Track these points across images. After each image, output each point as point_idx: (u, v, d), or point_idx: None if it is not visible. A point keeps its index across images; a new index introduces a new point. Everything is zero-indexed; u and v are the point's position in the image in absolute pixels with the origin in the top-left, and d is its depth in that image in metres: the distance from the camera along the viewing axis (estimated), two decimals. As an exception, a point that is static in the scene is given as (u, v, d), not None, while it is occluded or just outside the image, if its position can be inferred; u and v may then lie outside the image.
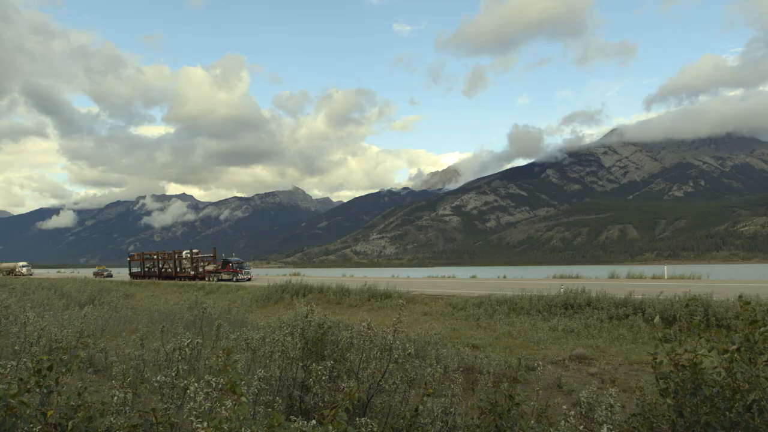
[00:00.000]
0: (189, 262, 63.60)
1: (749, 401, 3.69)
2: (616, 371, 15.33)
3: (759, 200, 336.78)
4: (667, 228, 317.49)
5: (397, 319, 6.92)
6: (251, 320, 21.97)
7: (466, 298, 27.32)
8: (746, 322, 3.80)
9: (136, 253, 77.55)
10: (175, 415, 4.94)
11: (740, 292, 16.43)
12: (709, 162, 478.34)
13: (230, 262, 57.37)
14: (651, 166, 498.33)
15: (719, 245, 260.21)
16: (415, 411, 4.90)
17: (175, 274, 63.14)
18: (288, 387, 7.14)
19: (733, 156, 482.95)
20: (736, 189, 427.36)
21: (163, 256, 69.15)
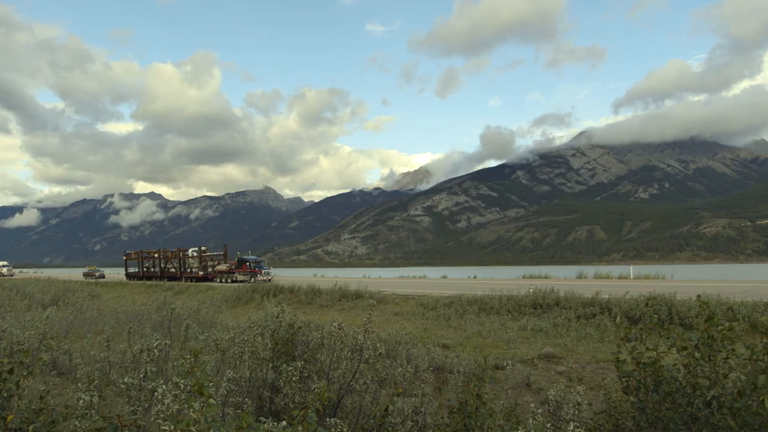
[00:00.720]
0: (197, 261, 58.27)
1: (709, 397, 3.80)
2: (583, 369, 15.61)
3: (720, 203, 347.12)
4: (633, 229, 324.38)
5: (367, 319, 6.94)
6: (221, 321, 21.73)
7: (436, 298, 27.47)
8: (704, 320, 3.92)
9: (133, 252, 71.49)
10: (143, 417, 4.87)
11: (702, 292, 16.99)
12: (673, 165, 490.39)
13: (247, 261, 52.04)
14: (618, 169, 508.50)
15: (682, 246, 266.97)
16: (386, 411, 4.91)
17: (180, 275, 57.83)
18: (258, 388, 7.09)
19: (696, 159, 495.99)
20: (698, 191, 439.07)
21: (165, 254, 63.64)
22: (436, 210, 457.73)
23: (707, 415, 3.79)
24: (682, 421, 3.85)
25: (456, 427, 4.21)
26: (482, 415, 4.15)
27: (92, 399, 4.32)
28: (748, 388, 3.55)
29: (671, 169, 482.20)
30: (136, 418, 3.48)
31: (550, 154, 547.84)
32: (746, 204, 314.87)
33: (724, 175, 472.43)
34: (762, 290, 24.42)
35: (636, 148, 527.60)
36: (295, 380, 6.27)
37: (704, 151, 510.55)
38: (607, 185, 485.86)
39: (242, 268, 51.11)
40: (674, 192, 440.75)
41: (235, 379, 6.18)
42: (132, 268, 68.25)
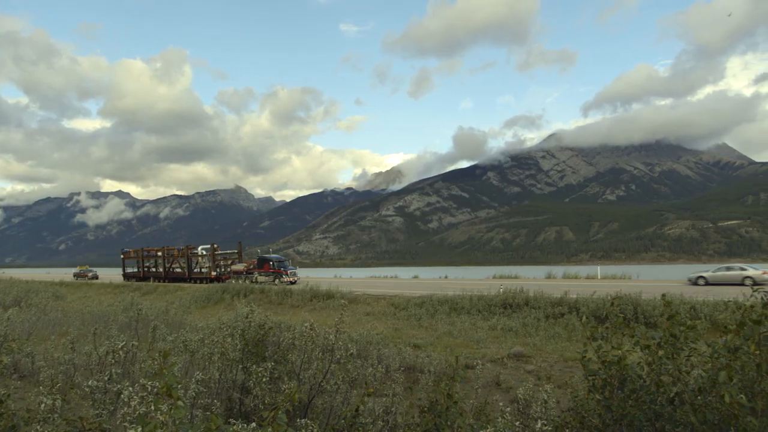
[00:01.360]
0: (208, 260, 53.71)
1: (671, 394, 3.90)
2: (551, 368, 15.84)
3: (684, 204, 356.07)
4: (601, 230, 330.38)
5: (339, 320, 6.92)
6: (190, 321, 21.44)
7: (408, 298, 27.56)
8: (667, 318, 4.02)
9: (132, 250, 66.21)
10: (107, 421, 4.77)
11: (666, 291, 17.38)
12: (639, 167, 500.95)
13: (269, 260, 47.40)
14: (586, 171, 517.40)
15: (648, 247, 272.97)
16: (356, 411, 4.91)
17: (188, 275, 53.49)
18: (227, 389, 7.01)
19: (662, 162, 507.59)
20: (663, 194, 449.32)
21: (170, 252, 58.68)
22: (407, 210, 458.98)
23: (670, 411, 3.88)
24: (646, 418, 3.94)
25: (426, 426, 4.23)
26: (452, 414, 4.18)
27: (55, 402, 4.21)
28: (709, 385, 3.66)
29: (637, 172, 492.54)
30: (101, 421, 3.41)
31: (521, 156, 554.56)
32: (708, 206, 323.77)
33: (687, 177, 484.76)
34: (722, 290, 25.14)
35: (604, 151, 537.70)
36: (265, 381, 6.22)
37: (669, 154, 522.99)
38: (575, 187, 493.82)
39: (264, 267, 46.77)
40: (640, 194, 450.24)
41: (204, 380, 6.10)
42: (131, 268, 63.51)
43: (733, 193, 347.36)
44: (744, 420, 3.28)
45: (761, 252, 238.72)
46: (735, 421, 3.34)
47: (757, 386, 3.33)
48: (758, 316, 3.42)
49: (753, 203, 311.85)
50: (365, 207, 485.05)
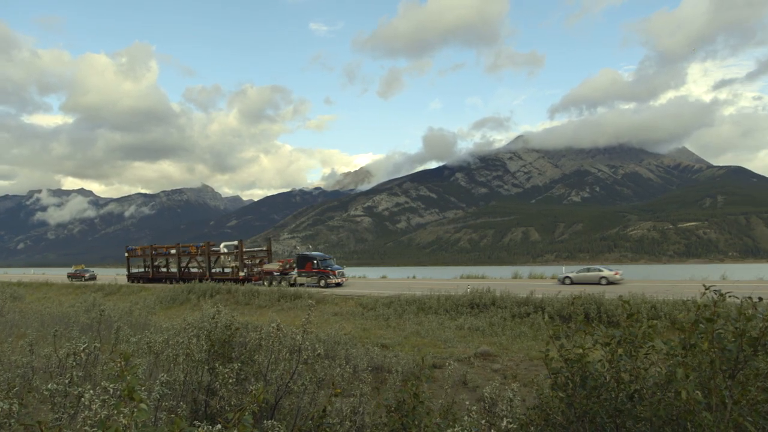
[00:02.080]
0: (234, 258, 47.47)
1: (631, 391, 4.01)
2: (517, 367, 16.07)
3: (645, 206, 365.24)
4: (566, 231, 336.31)
5: (306, 320, 6.89)
6: (155, 323, 21.04)
7: (376, 298, 27.62)
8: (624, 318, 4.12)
9: (139, 247, 58.84)
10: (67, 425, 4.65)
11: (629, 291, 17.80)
12: (603, 170, 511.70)
13: (313, 259, 41.21)
14: (552, 172, 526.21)
15: (611, 247, 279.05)
16: (324, 411, 4.90)
17: (208, 276, 46.25)
18: (193, 391, 6.91)
19: (625, 165, 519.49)
20: (626, 196, 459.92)
21: (187, 250, 51.93)
22: (376, 210, 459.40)
23: (630, 407, 3.99)
24: (607, 414, 4.03)
25: (394, 426, 4.25)
26: (419, 413, 4.21)
27: (12, 407, 4.09)
28: (666, 382, 3.77)
29: (601, 174, 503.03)
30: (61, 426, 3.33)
31: (489, 157, 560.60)
32: (669, 208, 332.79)
33: (649, 180, 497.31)
34: (682, 289, 25.89)
35: (569, 153, 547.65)
36: (231, 382, 6.16)
37: (632, 157, 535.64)
38: (541, 188, 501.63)
39: (305, 267, 41.06)
40: (604, 196, 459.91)
41: (168, 382, 6.00)
42: (137, 268, 57.32)
43: (692, 196, 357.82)
44: (699, 415, 3.38)
45: (718, 252, 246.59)
46: (691, 417, 3.45)
47: (712, 383, 3.45)
48: (711, 315, 3.54)
49: (710, 205, 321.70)
50: (334, 207, 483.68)
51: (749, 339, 3.40)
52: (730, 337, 3.47)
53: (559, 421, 4.51)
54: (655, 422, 3.82)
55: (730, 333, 3.48)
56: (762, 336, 3.39)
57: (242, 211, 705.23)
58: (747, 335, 3.40)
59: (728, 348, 3.43)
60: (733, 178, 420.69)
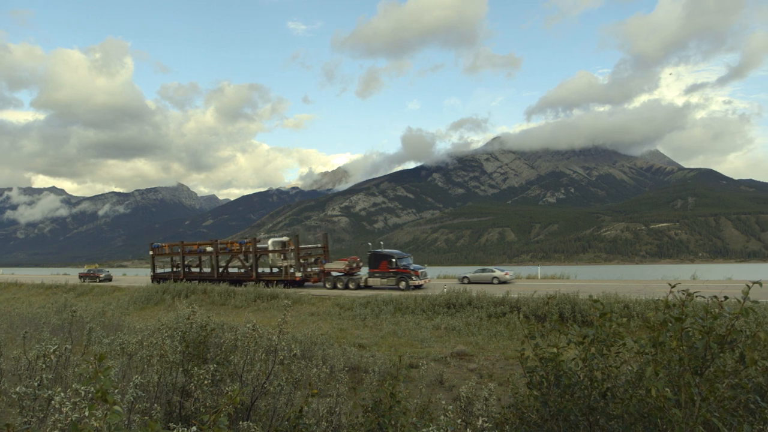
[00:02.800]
0: (288, 257, 41.42)
1: (604, 389, 4.09)
2: (493, 366, 16.20)
3: (619, 207, 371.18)
4: (541, 231, 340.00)
5: (282, 320, 6.87)
6: (128, 323, 20.74)
7: (352, 298, 27.59)
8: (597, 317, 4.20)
9: (166, 244, 52.68)
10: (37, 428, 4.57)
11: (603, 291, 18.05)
12: (578, 171, 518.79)
13: (389, 257, 35.92)
14: (528, 174, 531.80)
15: (585, 248, 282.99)
16: (300, 412, 4.89)
17: (253, 277, 41.49)
18: (167, 393, 6.83)
19: (599, 167, 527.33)
20: (600, 197, 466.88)
21: (227, 247, 46.02)
22: (353, 210, 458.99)
23: (603, 405, 4.06)
24: (580, 412, 4.10)
25: (370, 426, 4.26)
26: (396, 413, 4.22)
27: (-20, 410, 4.00)
28: (637, 379, 3.86)
29: (576, 175, 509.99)
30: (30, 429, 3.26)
31: (466, 158, 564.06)
32: (641, 209, 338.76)
33: (622, 182, 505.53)
34: (653, 289, 26.37)
35: (545, 155, 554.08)
36: (206, 384, 6.10)
37: (606, 159, 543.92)
38: (517, 189, 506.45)
39: (380, 267, 35.99)
40: (579, 197, 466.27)
41: (142, 384, 5.93)
42: (164, 268, 51.96)
43: (664, 197, 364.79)
44: (669, 412, 3.46)
45: (689, 253, 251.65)
46: (661, 414, 3.53)
47: (681, 380, 3.53)
48: (679, 314, 3.62)
49: (682, 207, 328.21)
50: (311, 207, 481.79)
51: (716, 337, 3.49)
52: (697, 335, 3.56)
53: (534, 419, 4.58)
54: (627, 419, 3.90)
55: (697, 331, 3.56)
56: (728, 334, 3.48)
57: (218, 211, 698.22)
58: (714, 333, 3.49)
59: (696, 346, 3.52)
60: (703, 181, 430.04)
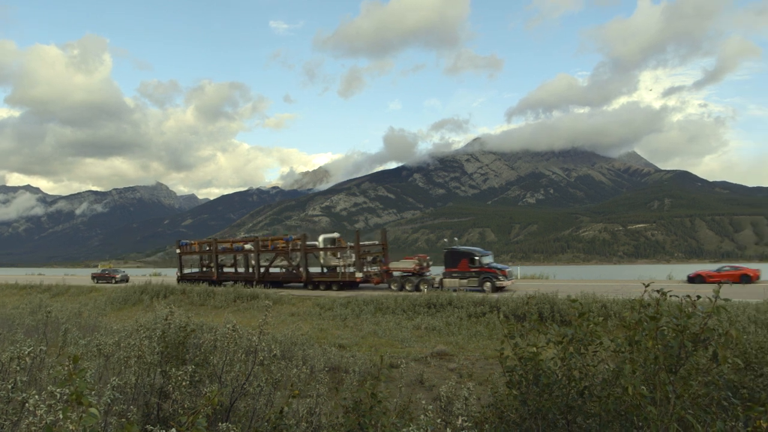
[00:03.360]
0: (345, 255, 37.45)
1: (581, 387, 4.14)
2: (473, 366, 16.29)
3: (597, 208, 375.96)
4: (521, 232, 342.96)
5: (263, 321, 6.83)
6: (105, 324, 20.45)
7: (333, 298, 27.55)
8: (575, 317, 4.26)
9: (196, 241, 48.19)
10: None
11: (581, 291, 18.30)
12: (557, 172, 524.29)
13: (471, 255, 32.38)
14: (508, 174, 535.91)
15: (564, 248, 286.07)
16: (280, 413, 4.87)
17: (303, 278, 37.66)
18: (145, 394, 6.75)
19: (578, 168, 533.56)
20: (579, 198, 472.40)
21: (269, 245, 41.55)
22: (334, 210, 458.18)
23: (580, 403, 4.12)
24: (559, 411, 4.15)
25: (351, 426, 4.26)
26: (376, 413, 4.23)
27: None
28: (614, 378, 3.92)
29: (555, 177, 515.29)
30: (4, 432, 3.20)
31: (447, 159, 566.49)
32: (619, 210, 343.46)
33: (601, 183, 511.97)
34: (631, 288, 26.73)
35: (525, 156, 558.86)
36: (185, 385, 6.04)
37: (584, 160, 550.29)
38: (498, 190, 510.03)
39: (458, 266, 32.28)
40: (558, 198, 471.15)
41: (119, 385, 5.84)
42: (191, 267, 47.67)
43: (641, 199, 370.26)
44: (645, 410, 3.52)
45: (665, 253, 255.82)
46: (637, 411, 3.59)
47: (656, 378, 3.59)
48: (654, 314, 3.69)
49: (658, 208, 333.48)
50: (291, 206, 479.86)
51: (690, 335, 3.56)
52: (672, 334, 3.63)
53: (513, 418, 4.62)
54: (604, 417, 3.96)
55: (672, 330, 3.63)
56: (701, 332, 3.55)
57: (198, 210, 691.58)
58: (687, 332, 3.56)
59: (670, 344, 3.59)
60: (679, 182, 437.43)
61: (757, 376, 6.73)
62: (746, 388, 6.14)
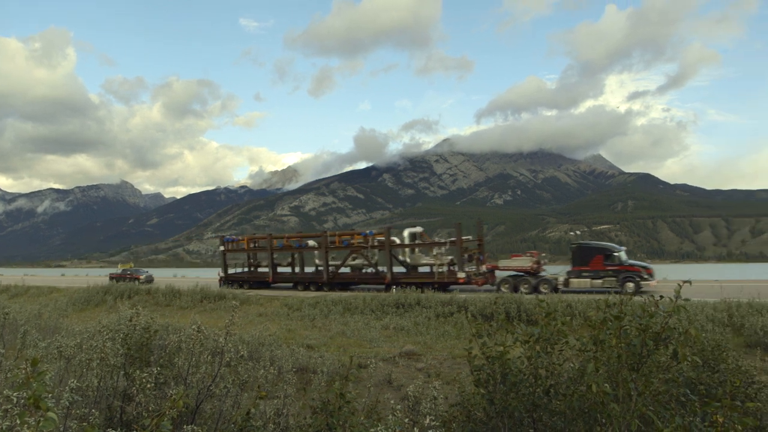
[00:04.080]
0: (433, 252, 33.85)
1: (547, 386, 4.21)
2: (441, 365, 16.39)
3: (563, 209, 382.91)
4: (489, 232, 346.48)
5: (230, 321, 6.75)
6: (67, 326, 19.89)
7: (301, 298, 27.40)
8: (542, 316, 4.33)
9: (245, 237, 43.58)
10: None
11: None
12: (525, 174, 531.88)
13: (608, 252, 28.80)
14: (477, 175, 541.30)
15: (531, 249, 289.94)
16: (247, 414, 4.82)
17: (388, 279, 33.06)
18: (107, 397, 6.60)
19: (545, 170, 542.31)
20: (545, 199, 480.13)
21: (336, 240, 37.56)
22: (303, 210, 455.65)
23: (546, 402, 4.19)
24: (525, 409, 4.21)
25: (319, 426, 4.24)
26: (344, 413, 4.22)
27: None
28: (578, 376, 3.99)
29: (523, 178, 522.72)
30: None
31: (416, 159, 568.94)
32: (584, 211, 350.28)
33: (567, 185, 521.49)
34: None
35: (494, 157, 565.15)
36: (149, 387, 5.93)
37: (551, 162, 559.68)
38: (466, 191, 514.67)
39: (591, 264, 28.53)
40: (525, 199, 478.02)
41: (80, 388, 5.70)
42: (236, 267, 43.38)
43: (605, 200, 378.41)
44: (608, 407, 3.60)
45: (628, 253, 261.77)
46: (601, 408, 3.66)
47: (619, 376, 3.68)
48: (618, 313, 3.78)
49: (622, 210, 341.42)
50: (260, 206, 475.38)
51: (651, 334, 3.65)
52: (634, 333, 3.72)
53: (480, 417, 4.67)
54: (569, 415, 4.03)
55: (634, 329, 3.73)
56: (662, 331, 3.65)
57: (164, 209, 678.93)
58: (649, 331, 3.66)
59: (633, 343, 3.68)
60: (641, 185, 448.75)
61: (714, 373, 6.96)
62: (703, 384, 6.35)
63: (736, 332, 17.10)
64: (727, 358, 7.47)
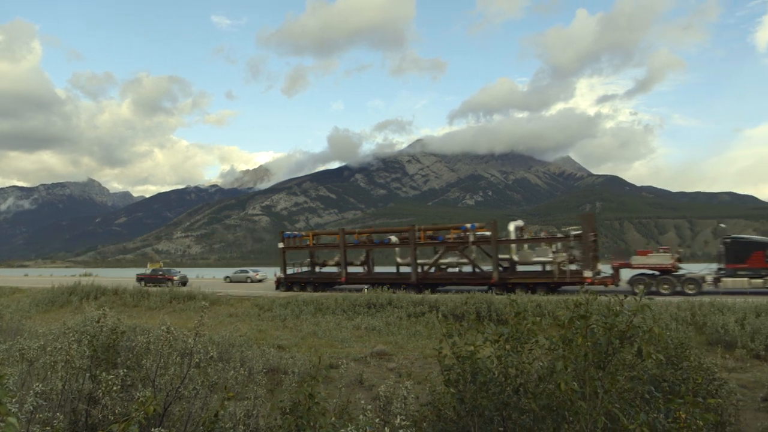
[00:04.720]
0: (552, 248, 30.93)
1: (517, 384, 4.28)
2: (412, 365, 16.47)
3: (533, 210, 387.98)
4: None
5: (199, 322, 6.66)
6: (30, 327, 19.37)
7: (272, 298, 27.23)
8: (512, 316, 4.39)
9: (310, 232, 40.41)
10: None
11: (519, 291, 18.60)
12: (496, 175, 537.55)
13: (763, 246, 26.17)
14: (449, 176, 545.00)
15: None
16: (216, 416, 4.77)
17: (494, 280, 30.00)
18: (72, 401, 6.45)
19: (515, 171, 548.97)
20: (516, 200, 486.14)
21: (421, 235, 33.90)
22: (274, 210, 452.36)
23: (516, 400, 4.25)
24: (495, 408, 4.27)
25: (288, 427, 4.22)
26: (314, 414, 4.21)
27: None
28: (547, 374, 4.06)
29: (494, 179, 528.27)
30: None
31: (388, 160, 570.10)
32: (554, 212, 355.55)
33: (537, 186, 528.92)
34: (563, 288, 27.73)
35: (465, 158, 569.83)
36: (116, 390, 5.81)
37: (522, 164, 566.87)
38: (438, 191, 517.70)
39: (749, 261, 25.91)
40: (496, 200, 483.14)
41: (44, 392, 5.56)
42: (297, 267, 39.09)
43: (574, 202, 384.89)
44: (576, 404, 3.67)
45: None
46: (568, 406, 3.73)
47: (587, 374, 3.75)
48: (585, 312, 3.86)
49: (590, 211, 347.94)
50: (231, 205, 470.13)
51: (617, 333, 3.74)
52: (601, 331, 3.81)
53: (451, 416, 4.71)
54: (538, 413, 4.09)
55: (601, 328, 3.81)
56: (627, 330, 3.74)
57: (132, 208, 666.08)
58: (615, 329, 3.74)
59: (599, 341, 3.76)
60: (609, 187, 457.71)
61: (677, 370, 7.15)
62: (667, 381, 6.52)
63: (698, 330, 17.59)
64: (689, 356, 7.68)
